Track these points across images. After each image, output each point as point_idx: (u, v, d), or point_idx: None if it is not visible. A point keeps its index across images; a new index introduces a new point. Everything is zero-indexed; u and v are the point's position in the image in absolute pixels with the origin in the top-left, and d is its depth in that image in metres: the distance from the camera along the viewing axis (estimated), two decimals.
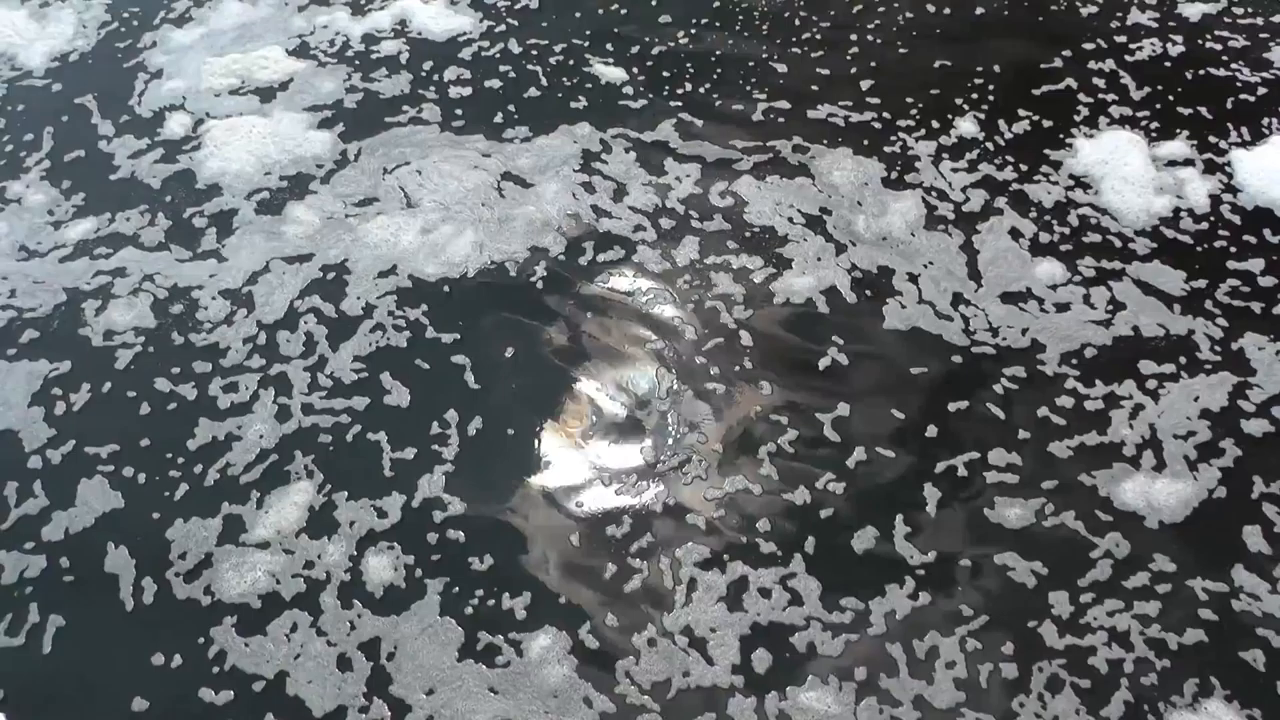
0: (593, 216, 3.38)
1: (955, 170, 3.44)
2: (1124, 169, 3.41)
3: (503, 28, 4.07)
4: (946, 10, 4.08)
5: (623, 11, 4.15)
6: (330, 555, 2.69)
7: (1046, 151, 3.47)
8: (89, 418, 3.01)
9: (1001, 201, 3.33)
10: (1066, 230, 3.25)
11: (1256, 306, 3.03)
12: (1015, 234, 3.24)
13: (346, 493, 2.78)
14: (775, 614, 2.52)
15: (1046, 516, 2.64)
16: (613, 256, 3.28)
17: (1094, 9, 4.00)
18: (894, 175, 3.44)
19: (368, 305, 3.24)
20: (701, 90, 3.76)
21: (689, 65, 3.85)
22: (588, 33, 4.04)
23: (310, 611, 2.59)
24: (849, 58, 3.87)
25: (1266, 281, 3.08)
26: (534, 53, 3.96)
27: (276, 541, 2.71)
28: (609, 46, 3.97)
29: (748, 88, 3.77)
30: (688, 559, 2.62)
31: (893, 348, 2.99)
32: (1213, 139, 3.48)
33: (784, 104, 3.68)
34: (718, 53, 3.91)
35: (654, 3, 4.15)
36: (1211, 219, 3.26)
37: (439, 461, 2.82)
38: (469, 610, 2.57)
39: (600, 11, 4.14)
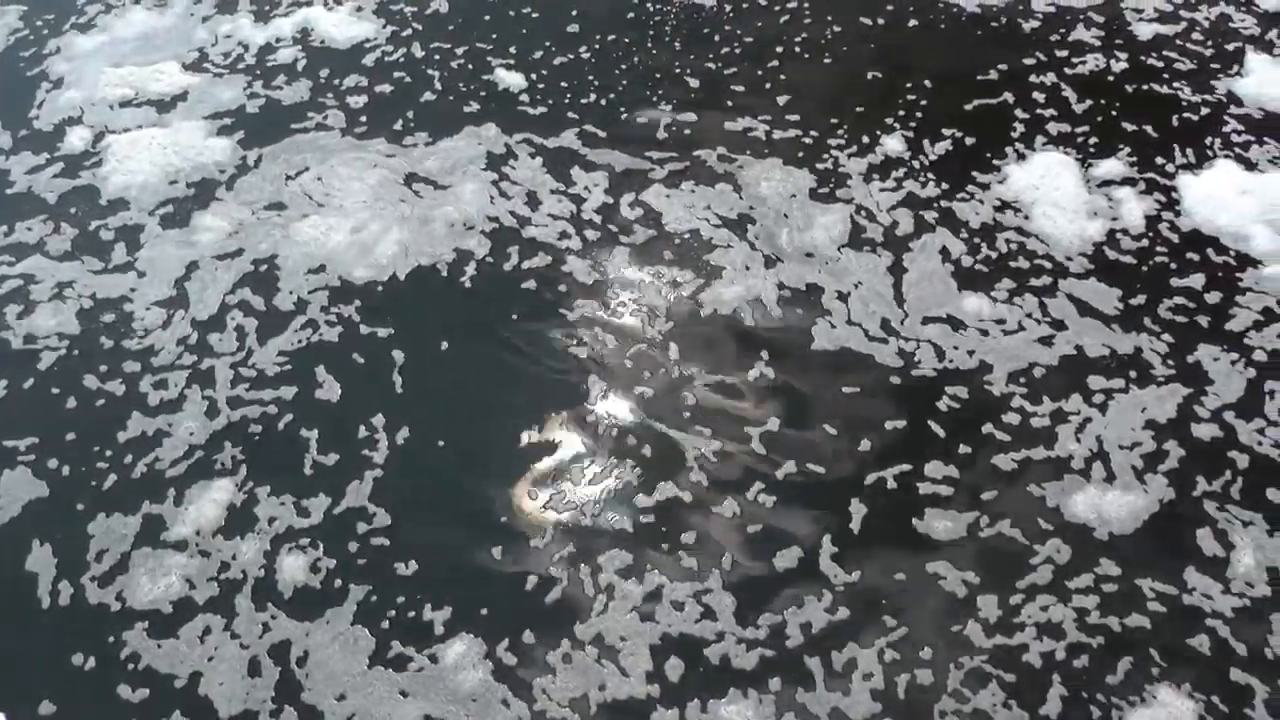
0: (514, 222, 3.89)
1: (884, 190, 3.93)
2: (1055, 193, 3.89)
3: (408, 32, 4.68)
4: (880, 21, 4.67)
5: (534, 15, 4.79)
6: (247, 555, 3.05)
7: (977, 174, 3.97)
8: (9, 411, 3.42)
9: (931, 223, 3.81)
10: (997, 254, 3.72)
11: (1204, 320, 3.47)
12: (945, 256, 3.70)
13: (270, 491, 3.18)
14: (687, 626, 2.85)
15: (983, 528, 3.01)
16: (538, 264, 3.75)
17: (1036, 23, 4.59)
18: (822, 189, 3.94)
19: (289, 305, 3.73)
20: (604, 102, 4.32)
21: (592, 77, 4.44)
22: (493, 37, 4.65)
23: (224, 614, 2.93)
24: (770, 70, 4.44)
25: (1213, 297, 3.55)
26: (437, 57, 4.55)
27: (194, 542, 3.08)
28: (512, 52, 4.58)
29: (654, 99, 4.32)
30: (609, 566, 2.98)
31: (823, 365, 3.41)
32: (1156, 160, 3.99)
33: (691, 116, 4.23)
34: (623, 65, 4.49)
35: (571, 12, 4.78)
36: (1150, 237, 3.74)
37: (367, 466, 3.22)
38: (388, 615, 2.91)
39: (511, 14, 4.78)
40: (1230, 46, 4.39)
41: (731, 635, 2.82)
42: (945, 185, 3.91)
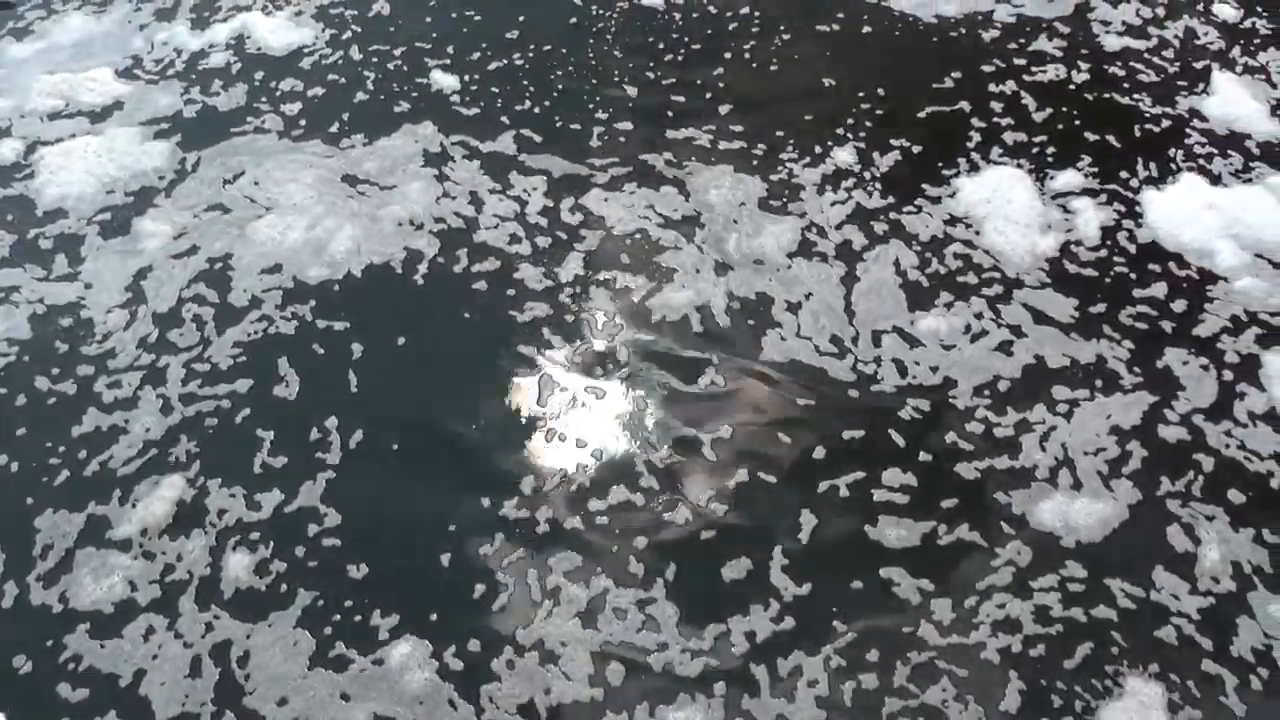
0: (460, 223, 4.24)
1: (834, 201, 4.27)
2: (1007, 207, 4.25)
3: (347, 35, 5.10)
4: (833, 28, 5.09)
5: (476, 18, 5.23)
6: (195, 554, 3.31)
7: (929, 187, 4.32)
8: None
9: (882, 235, 4.14)
10: (949, 268, 4.04)
11: (1167, 326, 3.82)
12: (897, 269, 4.03)
13: (220, 490, 3.44)
14: (629, 634, 3.12)
15: (941, 535, 3.29)
16: (488, 267, 4.09)
17: (996, 33, 5.02)
18: (771, 198, 4.28)
19: (240, 305, 4.04)
20: (539, 109, 4.72)
21: (527, 82, 4.86)
22: (433, 38, 5.09)
23: (168, 614, 3.14)
24: (715, 77, 4.84)
25: (1177, 306, 3.91)
26: (374, 59, 4.97)
27: (140, 540, 3.35)
28: (450, 54, 5.00)
29: (591, 105, 4.71)
30: (559, 569, 3.25)
31: (775, 375, 3.71)
32: (1118, 172, 4.36)
33: (627, 124, 4.61)
34: (559, 72, 4.90)
35: (516, 17, 5.22)
36: (1109, 248, 4.10)
37: (320, 467, 3.47)
38: (334, 618, 3.16)
39: (453, 15, 5.22)
40: (1197, 62, 4.82)
41: (675, 644, 3.07)
42: (897, 198, 4.26)
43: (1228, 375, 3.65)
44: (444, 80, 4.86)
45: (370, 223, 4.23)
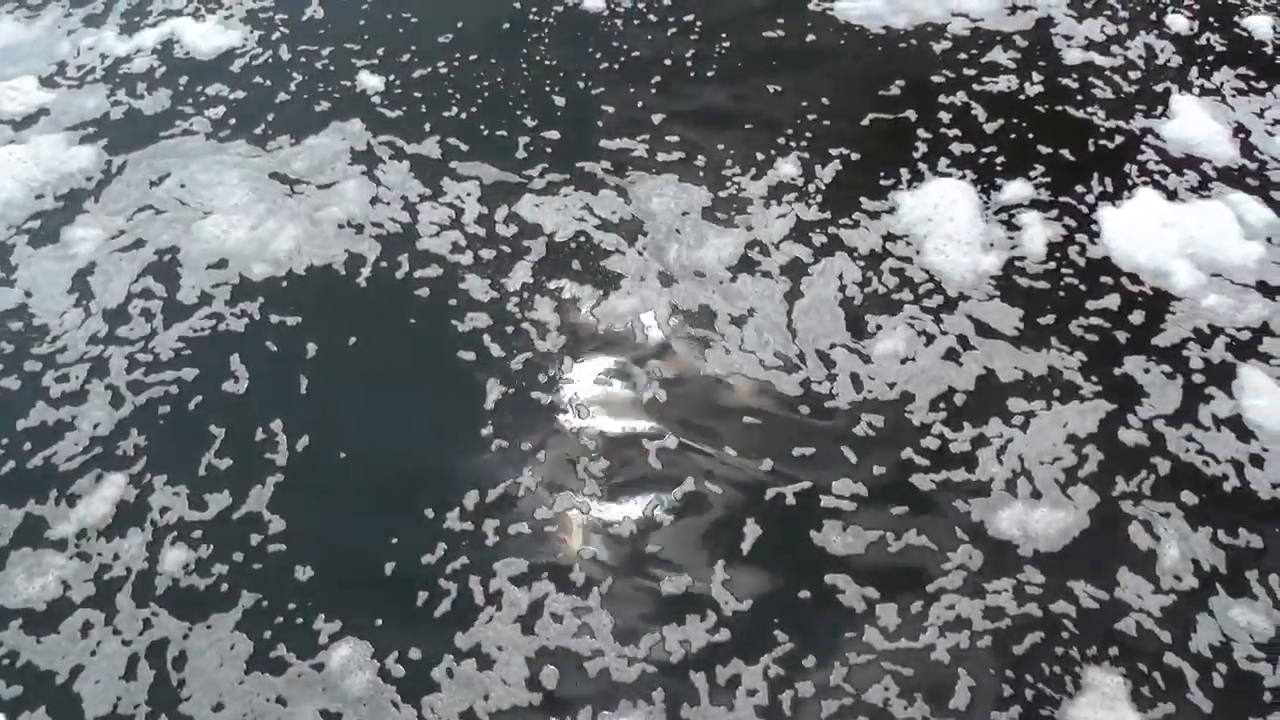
0: (397, 228, 4.71)
1: (777, 214, 4.71)
2: (949, 225, 4.66)
3: (276, 36, 5.60)
4: (778, 33, 5.60)
5: (413, 20, 5.75)
6: (134, 554, 3.73)
7: (872, 201, 4.76)
8: None
9: (825, 250, 4.57)
10: (892, 283, 4.46)
11: (1122, 336, 4.24)
12: (839, 285, 4.45)
13: (164, 491, 3.89)
14: (564, 639, 3.51)
15: (890, 544, 3.69)
16: (430, 274, 4.52)
17: (948, 44, 5.52)
18: (714, 209, 4.73)
19: (177, 307, 4.54)
20: (465, 115, 5.21)
21: (452, 90, 5.35)
22: (365, 39, 5.63)
23: (106, 613, 3.58)
24: (653, 85, 5.33)
25: (1135, 318, 4.33)
26: (303, 60, 5.47)
27: (77, 538, 3.77)
28: (379, 57, 5.52)
29: (519, 113, 5.20)
30: (502, 574, 3.64)
31: (718, 388, 4.13)
32: (1071, 185, 4.83)
33: (554, 133, 5.07)
34: (488, 80, 5.41)
35: (454, 23, 5.73)
36: (1058, 259, 4.54)
37: (268, 470, 3.91)
38: (275, 621, 3.55)
39: (387, 17, 5.74)
40: (1156, 81, 5.26)
41: (611, 651, 3.46)
42: (841, 212, 4.70)
43: (1186, 386, 4.06)
44: (370, 81, 5.39)
45: (310, 224, 4.74)
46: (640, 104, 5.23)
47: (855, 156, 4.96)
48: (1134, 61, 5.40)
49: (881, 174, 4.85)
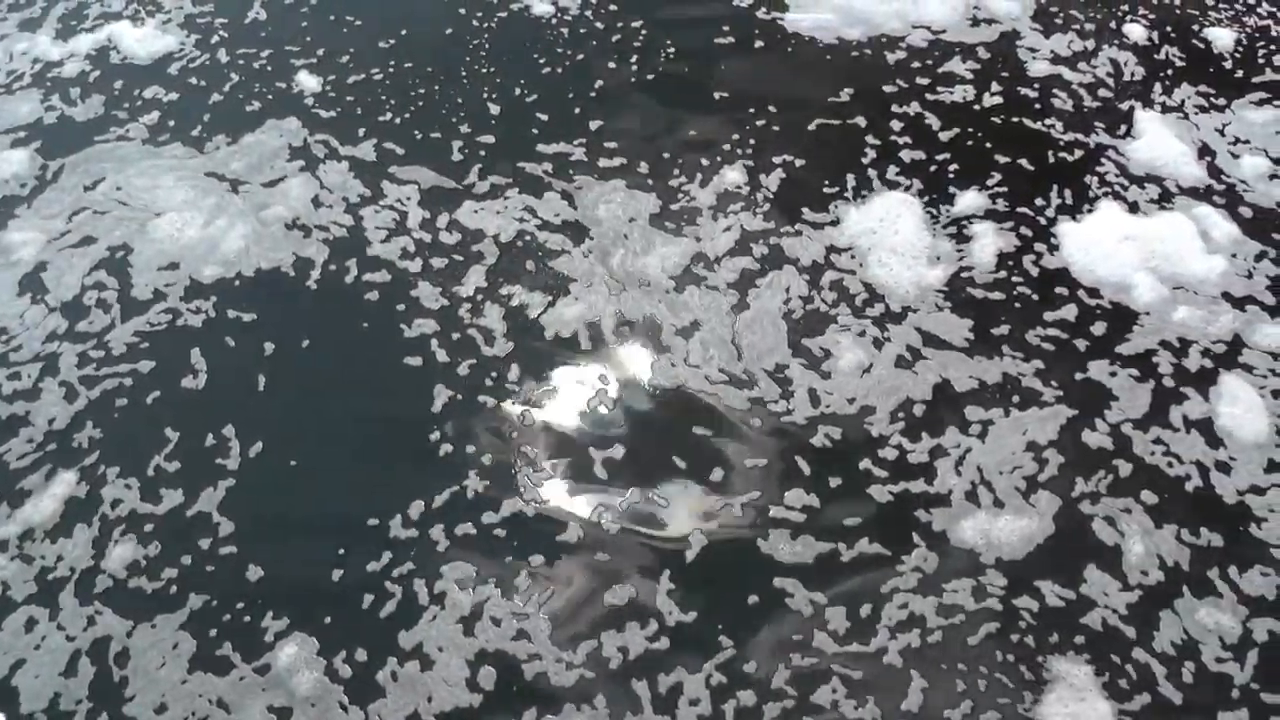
0: (342, 232, 4.98)
1: (723, 226, 4.97)
2: (894, 237, 4.92)
3: (215, 39, 5.91)
4: (726, 40, 5.90)
5: (357, 22, 6.05)
6: (78, 551, 3.99)
7: (819, 211, 5.00)
8: None
9: (772, 262, 4.83)
10: (839, 298, 4.71)
11: (1082, 344, 4.50)
12: (785, 297, 4.71)
13: (113, 489, 4.13)
14: (503, 643, 3.75)
15: (843, 552, 3.94)
16: (379, 279, 4.79)
17: (902, 54, 5.81)
18: (660, 218, 5.01)
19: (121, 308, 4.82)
20: (399, 120, 5.50)
21: (386, 96, 5.64)
22: (305, 41, 5.92)
23: (49, 610, 3.82)
24: (594, 91, 5.60)
25: (1099, 328, 4.59)
26: (240, 62, 5.77)
27: (14, 542, 4.01)
28: (317, 60, 5.82)
29: (454, 120, 5.49)
30: (449, 577, 3.89)
31: (665, 399, 4.39)
32: (1029, 197, 5.10)
33: (489, 138, 5.37)
34: (425, 87, 5.69)
35: (401, 30, 6.03)
36: (1013, 270, 4.80)
37: (219, 474, 4.16)
38: (222, 620, 3.80)
39: (329, 20, 6.07)
40: (1120, 97, 5.50)
41: (549, 655, 3.70)
42: (788, 222, 4.96)
43: (1156, 392, 4.31)
44: (308, 82, 5.69)
45: (260, 225, 5.02)
46: (578, 110, 5.52)
47: (802, 165, 5.22)
48: (1098, 75, 5.66)
49: (829, 184, 5.09)
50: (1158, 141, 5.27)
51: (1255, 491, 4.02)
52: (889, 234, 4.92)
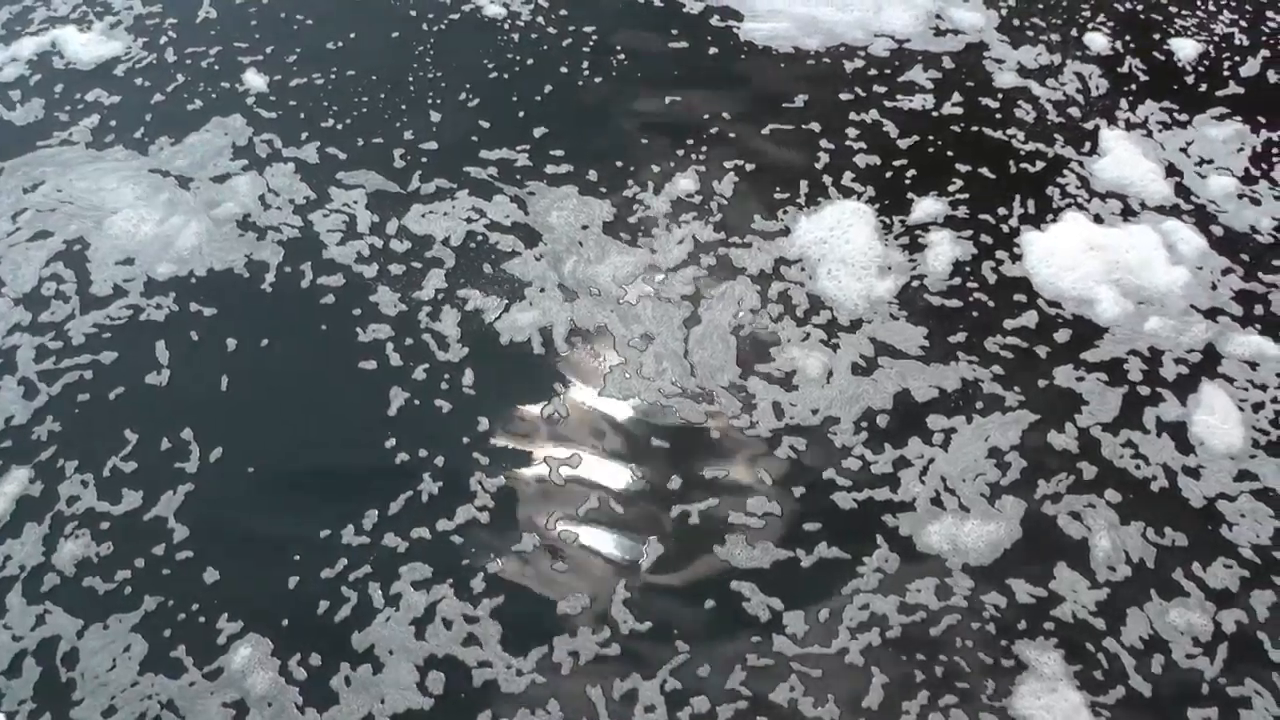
0: (294, 234, 5.19)
1: (676, 235, 5.19)
2: (844, 247, 5.10)
3: (163, 40, 6.14)
4: (680, 44, 6.14)
5: (307, 20, 6.28)
6: (28, 550, 4.15)
7: (771, 220, 5.19)
8: None
9: (720, 273, 5.04)
10: (792, 309, 4.92)
11: (1042, 350, 4.73)
12: (736, 309, 4.92)
13: (68, 486, 4.30)
14: (453, 647, 3.94)
15: (803, 559, 4.15)
16: (334, 283, 4.98)
17: (860, 63, 6.04)
18: (609, 226, 5.22)
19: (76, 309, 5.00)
20: (340, 126, 5.70)
21: (328, 103, 5.82)
22: (251, 42, 6.15)
23: None
24: (541, 95, 5.85)
25: (1063, 335, 4.83)
26: (188, 62, 6.00)
27: None
28: (262, 63, 6.04)
29: (396, 125, 5.71)
30: (404, 579, 4.08)
31: (619, 410, 4.60)
32: (990, 206, 5.33)
33: (431, 145, 5.59)
34: (366, 96, 5.91)
35: (351, 33, 6.24)
36: (966, 273, 5.02)
37: (178, 479, 4.33)
38: (177, 622, 3.97)
39: (280, 15, 6.30)
40: (1088, 114, 5.65)
41: (499, 661, 3.90)
42: (739, 231, 5.16)
43: (1128, 398, 4.55)
44: (254, 81, 5.90)
45: (213, 224, 5.24)
46: (522, 114, 5.75)
47: (755, 173, 5.39)
48: (1064, 88, 5.84)
49: (781, 192, 5.31)
50: (1125, 159, 5.47)
51: (1225, 498, 4.26)
52: (840, 244, 5.12)
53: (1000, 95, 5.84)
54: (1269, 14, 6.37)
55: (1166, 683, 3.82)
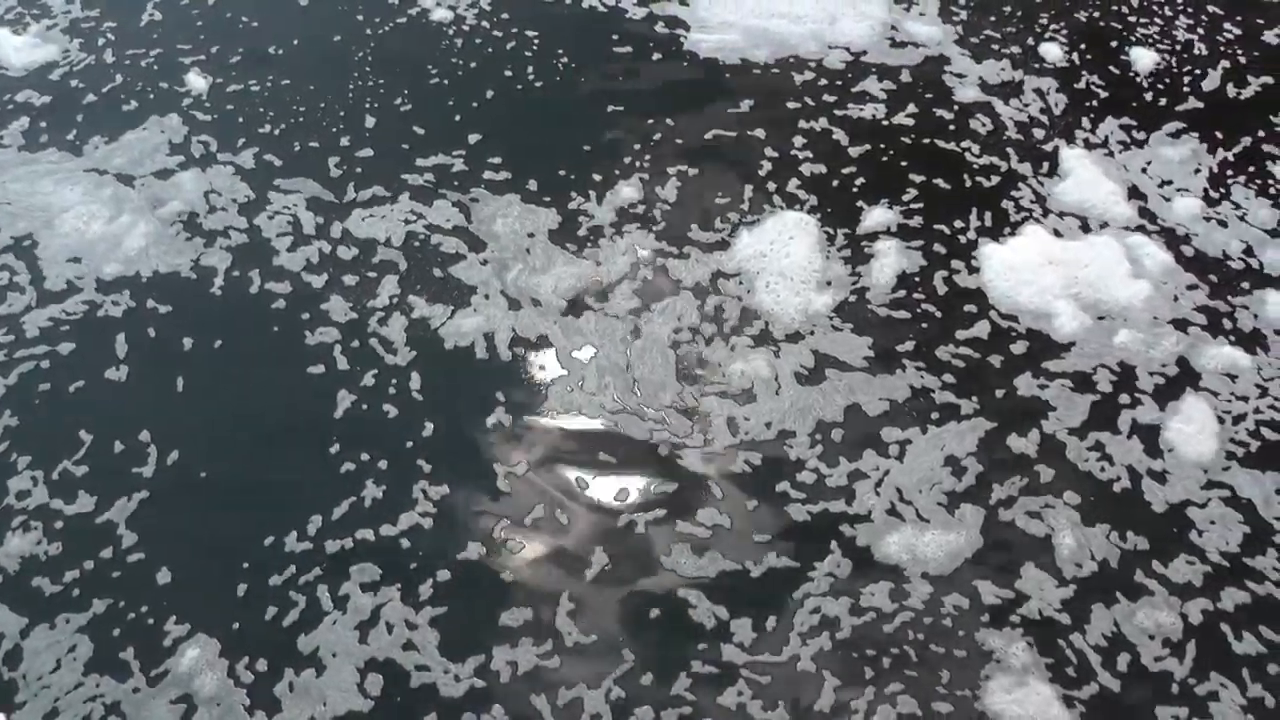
0: (243, 238, 5.41)
1: (617, 246, 5.42)
2: (784, 261, 5.26)
3: (101, 42, 6.37)
4: (623, 49, 6.39)
5: (253, 23, 6.53)
6: None
7: (712, 232, 5.43)
8: None
9: (661, 286, 5.27)
10: (735, 321, 5.14)
11: (997, 360, 4.95)
12: (679, 321, 5.13)
13: (17, 483, 4.50)
14: (394, 651, 4.13)
15: (751, 568, 4.36)
16: (281, 289, 5.20)
17: (810, 75, 6.29)
18: (547, 235, 5.45)
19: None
20: (277, 132, 5.91)
21: (264, 109, 6.04)
22: (190, 43, 6.42)
23: None
24: (479, 102, 6.08)
25: (1023, 346, 5.07)
26: (127, 63, 6.23)
27: None
28: (201, 65, 6.28)
29: (334, 130, 5.93)
30: (348, 584, 4.25)
31: (562, 421, 4.80)
32: (945, 218, 5.56)
33: (368, 151, 5.81)
34: (303, 105, 6.10)
35: (293, 39, 6.47)
36: (916, 283, 5.25)
37: (130, 482, 4.53)
38: (126, 621, 4.15)
39: (229, 17, 6.54)
40: (1049, 132, 5.89)
41: (436, 666, 4.09)
42: (680, 244, 5.39)
43: (1095, 405, 4.82)
44: (196, 83, 6.14)
45: (159, 225, 5.46)
46: (458, 118, 5.99)
47: (698, 183, 5.69)
48: (1023, 103, 6.10)
49: (724, 203, 5.59)
50: (1086, 180, 5.73)
51: (1192, 504, 4.52)
52: (779, 257, 5.35)
53: (957, 108, 6.05)
54: (1226, 25, 6.67)
55: (1135, 677, 4.07)
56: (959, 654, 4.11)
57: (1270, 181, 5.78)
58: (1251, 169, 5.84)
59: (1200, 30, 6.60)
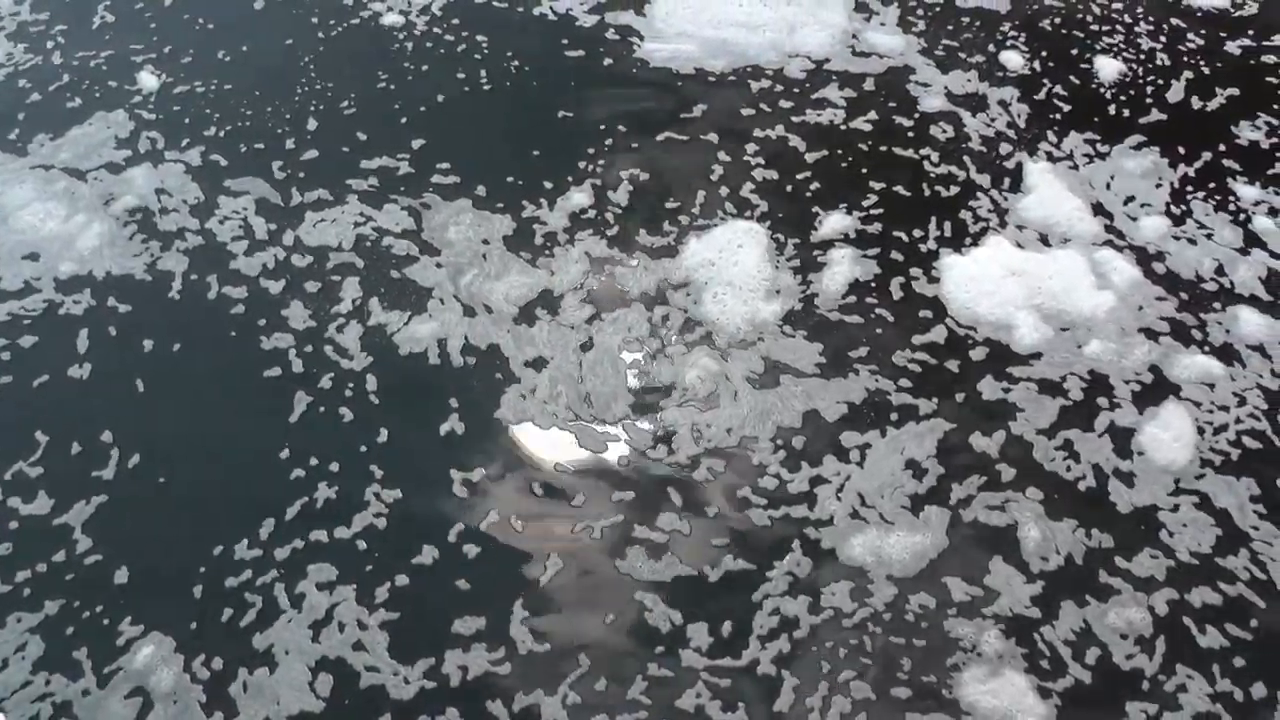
0: (200, 241, 5.66)
1: (570, 254, 5.63)
2: (732, 269, 5.49)
3: (50, 45, 6.62)
4: (574, 54, 6.62)
5: (209, 24, 6.79)
6: None
7: (664, 238, 5.65)
8: None
9: (612, 296, 5.47)
10: (683, 329, 5.34)
11: (954, 365, 5.14)
12: (627, 332, 5.34)
13: None
14: (344, 650, 4.33)
15: (709, 573, 4.56)
16: (240, 294, 5.45)
17: (767, 83, 6.51)
18: (501, 242, 5.69)
19: None
20: (223, 134, 6.19)
21: (210, 110, 6.30)
22: (143, 44, 6.66)
23: None
24: (424, 110, 6.32)
25: (982, 352, 5.28)
26: (75, 64, 6.46)
27: None
28: (153, 64, 6.53)
29: (279, 133, 6.18)
30: (301, 585, 4.47)
31: (514, 428, 5.01)
32: (908, 229, 5.78)
33: (313, 154, 6.04)
34: (250, 110, 6.34)
35: (243, 46, 6.71)
36: (872, 289, 5.47)
37: (88, 483, 4.77)
38: (81, 620, 4.37)
39: (177, 21, 6.80)
40: (1013, 151, 6.11)
41: (386, 668, 4.29)
42: (630, 251, 5.62)
43: (1063, 409, 5.04)
44: (147, 82, 6.39)
45: (114, 224, 5.69)
46: (404, 121, 6.23)
47: (650, 187, 5.94)
48: (986, 113, 6.32)
49: (675, 211, 5.83)
50: (1049, 196, 5.91)
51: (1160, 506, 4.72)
52: (728, 266, 5.56)
53: (918, 116, 6.26)
54: (1189, 35, 6.88)
55: (1106, 669, 4.28)
56: (929, 647, 4.31)
57: (1231, 198, 5.93)
58: (1213, 184, 5.99)
59: (1162, 39, 6.80)
